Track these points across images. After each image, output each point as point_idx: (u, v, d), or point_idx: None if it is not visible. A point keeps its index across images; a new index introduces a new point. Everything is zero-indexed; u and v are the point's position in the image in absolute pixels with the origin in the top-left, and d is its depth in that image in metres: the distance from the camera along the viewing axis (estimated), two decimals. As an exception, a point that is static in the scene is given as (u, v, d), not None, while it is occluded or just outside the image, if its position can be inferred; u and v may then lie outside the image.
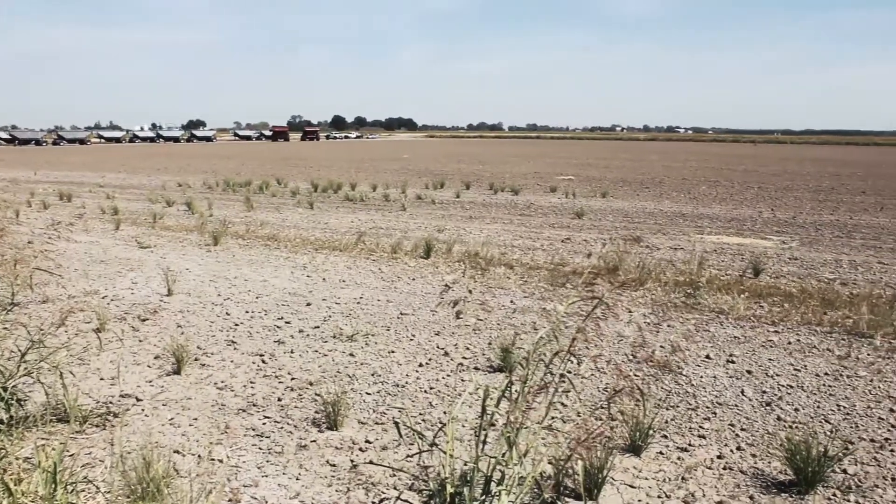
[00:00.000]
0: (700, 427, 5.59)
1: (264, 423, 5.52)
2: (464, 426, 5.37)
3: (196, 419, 5.56)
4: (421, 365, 6.95)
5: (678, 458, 5.06)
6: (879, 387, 6.48)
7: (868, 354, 7.40)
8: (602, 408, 5.76)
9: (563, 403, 5.92)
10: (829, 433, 5.45)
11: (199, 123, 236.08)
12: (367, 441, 5.25)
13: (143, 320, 8.30)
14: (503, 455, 3.75)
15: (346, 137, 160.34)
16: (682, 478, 4.78)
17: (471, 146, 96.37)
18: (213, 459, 4.87)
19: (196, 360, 6.93)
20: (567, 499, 4.36)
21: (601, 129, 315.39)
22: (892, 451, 5.21)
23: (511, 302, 9.34)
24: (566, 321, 7.27)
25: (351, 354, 7.20)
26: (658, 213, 20.07)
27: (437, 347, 7.48)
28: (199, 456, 4.91)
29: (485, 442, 3.85)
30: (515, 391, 3.77)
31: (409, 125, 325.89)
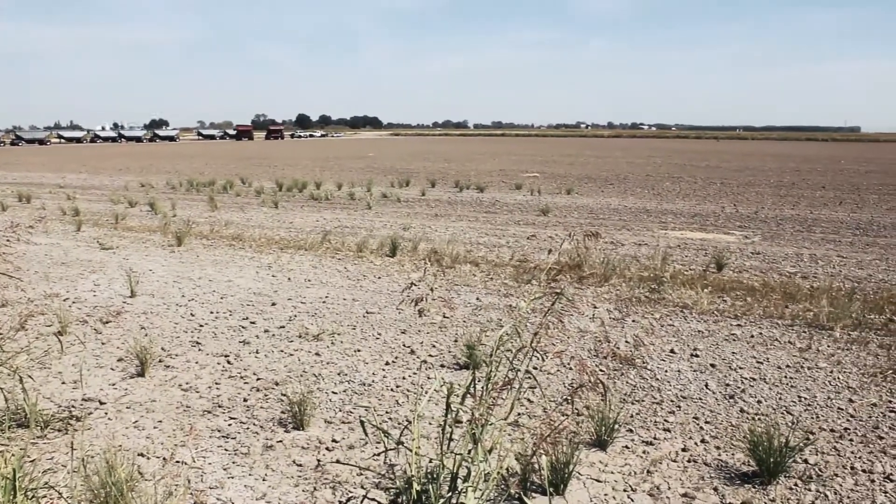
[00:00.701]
0: (665, 421, 5.64)
1: (230, 424, 5.48)
2: (430, 424, 5.38)
3: (160, 421, 5.50)
4: (387, 363, 6.94)
5: (643, 452, 5.10)
6: (839, 378, 6.59)
7: (828, 346, 7.52)
8: (567, 402, 5.79)
9: (529, 399, 5.95)
10: (790, 424, 5.53)
11: (161, 123, 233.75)
12: (334, 440, 5.23)
13: (106, 323, 8.20)
14: (469, 452, 3.75)
15: (312, 136, 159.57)
16: (648, 471, 4.82)
17: (436, 144, 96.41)
18: (177, 462, 4.83)
19: (160, 361, 6.86)
20: (534, 494, 4.38)
21: (566, 126, 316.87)
22: (851, 440, 5.30)
23: (477, 299, 9.37)
24: (532, 317, 7.30)
25: (317, 354, 7.18)
26: (622, 210, 20.23)
27: (404, 345, 7.48)
28: (163, 458, 4.86)
29: (451, 439, 3.86)
30: (480, 388, 3.78)
31: (374, 123, 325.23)
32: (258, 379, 6.45)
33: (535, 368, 6.51)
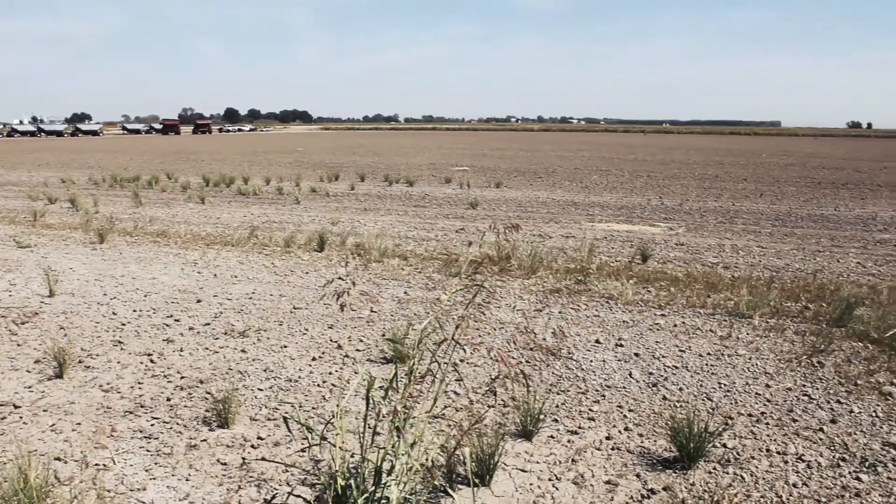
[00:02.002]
0: (590, 410, 5.73)
1: (152, 425, 5.37)
2: (356, 419, 5.36)
3: (79, 424, 5.36)
4: (314, 359, 6.89)
5: (568, 441, 5.18)
6: (757, 364, 6.78)
7: (747, 334, 7.73)
8: (492, 394, 5.84)
9: (455, 392, 5.97)
10: (710, 410, 5.68)
11: (84, 117, 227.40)
12: (260, 437, 5.17)
13: (22, 323, 7.95)
14: (393, 446, 3.76)
15: (240, 130, 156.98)
16: (573, 460, 4.89)
17: (366, 138, 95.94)
18: (97, 465, 4.71)
19: (80, 362, 6.68)
20: (459, 486, 4.40)
21: (496, 120, 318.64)
22: (767, 424, 5.46)
23: (405, 293, 9.37)
24: (457, 310, 7.33)
25: (243, 350, 7.08)
26: (551, 203, 20.44)
27: (331, 341, 7.44)
28: (82, 462, 4.74)
29: (375, 433, 3.86)
30: (402, 381, 3.78)
31: (304, 118, 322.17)
32: (182, 377, 6.34)
33: (461, 361, 6.53)
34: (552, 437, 5.25)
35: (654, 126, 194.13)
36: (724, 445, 5.08)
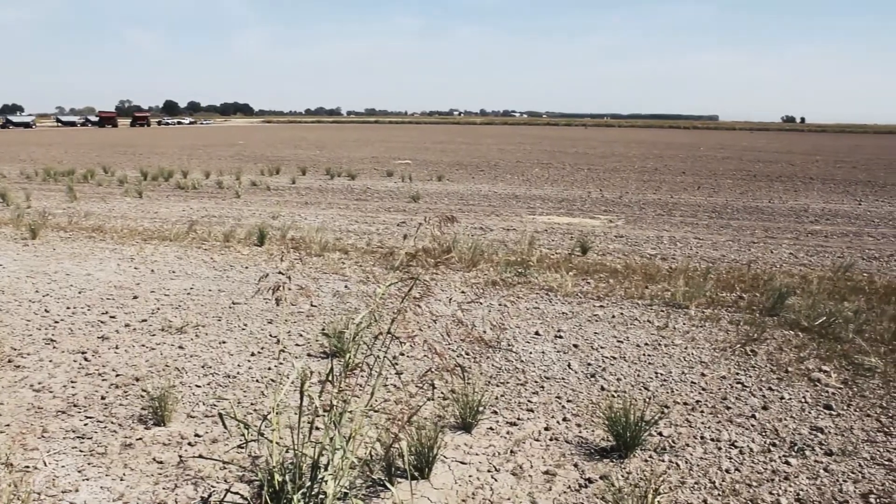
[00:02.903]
0: (529, 401, 5.78)
1: (86, 424, 5.26)
2: (296, 414, 5.32)
3: (8, 425, 5.22)
4: (253, 354, 6.82)
5: (507, 433, 5.21)
6: (693, 353, 6.92)
7: (684, 324, 7.88)
8: (431, 386, 5.85)
9: (396, 386, 5.96)
10: (647, 399, 5.77)
11: (15, 108, 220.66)
12: (197, 435, 5.10)
13: (-50, 322, 7.72)
14: (330, 440, 3.74)
15: (180, 123, 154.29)
16: (512, 451, 4.93)
17: (309, 131, 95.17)
18: (27, 468, 4.60)
19: (10, 361, 6.50)
20: (399, 479, 4.40)
21: (439, 114, 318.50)
22: (702, 412, 5.58)
23: (345, 287, 9.33)
24: (398, 303, 7.32)
25: (180, 347, 6.98)
26: (492, 196, 20.54)
27: (270, 336, 7.37)
28: (9, 465, 4.62)
29: (315, 428, 3.84)
30: (338, 375, 3.77)
31: (245, 110, 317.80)
32: (117, 375, 6.21)
33: (402, 354, 6.56)
34: (491, 428, 5.28)
35: (596, 120, 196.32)
36: (661, 434, 5.18)
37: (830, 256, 12.31)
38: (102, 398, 5.74)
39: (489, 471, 4.65)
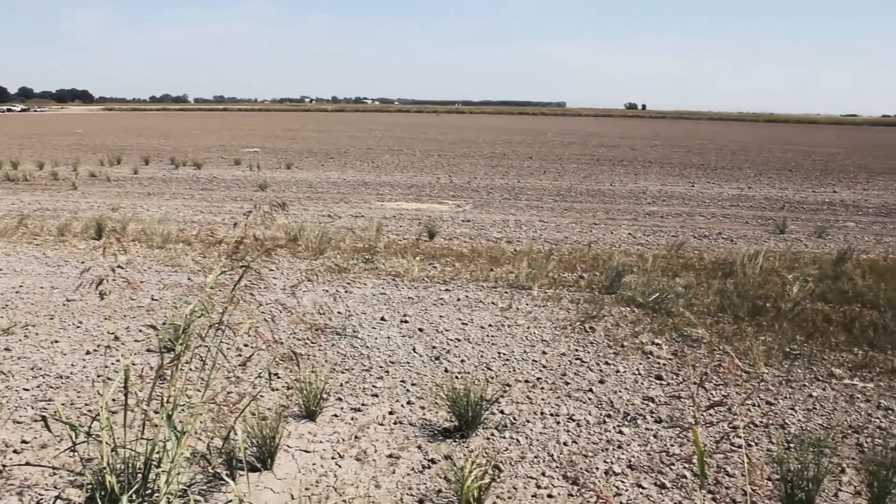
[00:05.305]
0: (373, 386, 5.78)
1: None
2: (132, 412, 5.11)
3: None
4: (88, 352, 6.50)
5: (352, 419, 5.19)
6: (535, 332, 7.11)
7: (527, 304, 8.08)
8: (269, 375, 5.77)
9: (238, 377, 5.83)
10: (489, 379, 5.88)
11: None
12: (24, 441, 4.81)
13: None
14: (164, 435, 3.61)
15: (10, 111, 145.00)
16: (356, 437, 4.91)
17: (153, 119, 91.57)
18: None
19: None
20: (241, 472, 4.31)
21: (290, 101, 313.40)
22: (542, 388, 5.74)
23: (189, 279, 9.05)
24: (241, 294, 7.16)
25: (7, 349, 6.55)
26: (342, 183, 20.41)
27: (108, 332, 7.04)
28: None
29: (145, 425, 3.70)
30: (170, 368, 3.65)
31: (84, 97, 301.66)
32: (-68, 382, 5.78)
33: (245, 346, 6.42)
34: (336, 415, 5.24)
35: (447, 106, 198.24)
36: (502, 412, 5.29)
37: (665, 236, 12.93)
38: (-86, 406, 5.33)
39: (333, 458, 4.62)
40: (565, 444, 4.83)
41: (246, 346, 6.42)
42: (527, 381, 5.89)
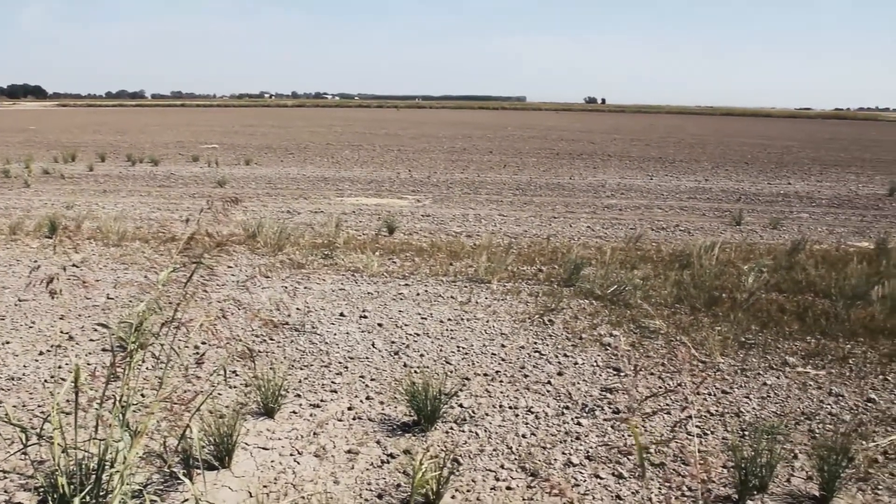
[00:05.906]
0: (332, 382, 5.76)
1: None
2: (85, 412, 5.04)
3: None
4: (41, 353, 6.38)
5: (311, 415, 5.17)
6: (494, 326, 7.14)
7: (486, 298, 8.11)
8: (224, 372, 5.73)
9: (197, 376, 5.77)
10: (448, 373, 5.90)
11: None
12: (-28, 446, 4.72)
13: None
14: (117, 435, 3.57)
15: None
16: (315, 433, 4.89)
17: (109, 115, 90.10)
18: None
19: None
20: (199, 471, 4.27)
21: (250, 97, 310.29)
22: (500, 381, 5.77)
23: (145, 277, 8.93)
24: (197, 291, 7.09)
25: (-44, 351, 6.44)
26: (301, 178, 20.29)
27: (62, 332, 6.93)
28: None
29: (98, 424, 3.65)
30: (122, 367, 3.60)
31: (37, 93, 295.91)
32: None
33: (203, 343, 6.36)
34: (294, 412, 5.22)
35: (408, 101, 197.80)
36: (461, 405, 5.31)
37: (624, 228, 13.05)
38: None
39: (292, 454, 4.60)
40: (524, 436, 4.85)
41: (204, 343, 6.36)
42: (486, 375, 5.91)
